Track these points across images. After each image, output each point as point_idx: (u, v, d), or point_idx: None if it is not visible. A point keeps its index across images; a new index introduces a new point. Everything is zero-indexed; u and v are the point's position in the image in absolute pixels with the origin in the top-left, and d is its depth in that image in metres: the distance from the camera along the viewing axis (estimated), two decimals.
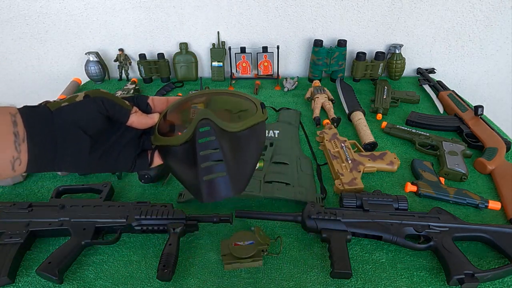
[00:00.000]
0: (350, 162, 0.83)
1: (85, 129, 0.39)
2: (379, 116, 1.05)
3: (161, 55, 1.23)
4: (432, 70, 1.29)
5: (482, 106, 0.96)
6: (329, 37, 1.25)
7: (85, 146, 0.39)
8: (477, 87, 1.39)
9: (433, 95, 1.16)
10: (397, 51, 1.23)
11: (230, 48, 1.21)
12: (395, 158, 0.85)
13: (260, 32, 1.24)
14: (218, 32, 1.22)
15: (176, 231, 0.64)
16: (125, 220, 0.67)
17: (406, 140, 0.96)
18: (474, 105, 1.00)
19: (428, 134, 0.94)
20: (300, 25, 1.22)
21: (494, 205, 0.74)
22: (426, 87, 1.20)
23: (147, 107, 0.46)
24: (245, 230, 0.68)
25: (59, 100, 0.39)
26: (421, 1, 1.16)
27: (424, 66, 1.32)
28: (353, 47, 1.26)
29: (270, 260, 0.64)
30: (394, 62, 1.23)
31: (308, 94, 1.14)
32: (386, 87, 1.16)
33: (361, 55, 1.22)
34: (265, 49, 1.21)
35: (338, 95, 1.14)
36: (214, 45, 1.23)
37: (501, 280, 0.61)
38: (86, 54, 1.22)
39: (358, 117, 1.00)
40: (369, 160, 0.84)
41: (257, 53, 1.22)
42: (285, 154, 0.85)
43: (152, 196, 0.78)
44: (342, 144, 0.88)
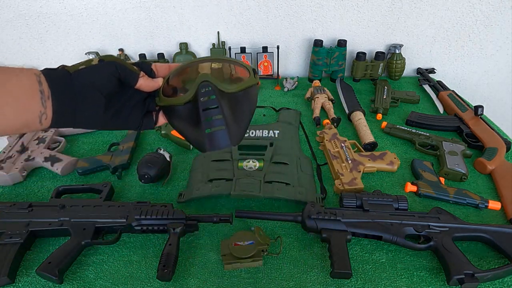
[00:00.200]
0: (350, 162, 0.83)
1: (100, 90, 0.44)
2: (379, 116, 1.05)
3: (161, 55, 1.23)
4: (432, 70, 1.29)
5: (482, 106, 0.96)
6: (329, 37, 1.25)
7: (100, 105, 0.44)
8: (477, 87, 1.39)
9: (433, 95, 1.16)
10: (397, 51, 1.22)
11: (230, 48, 1.21)
12: (395, 158, 0.85)
13: (260, 32, 1.24)
14: (218, 32, 1.22)
15: (176, 231, 0.64)
16: (125, 220, 0.67)
17: (406, 140, 0.96)
18: (474, 105, 1.00)
19: (428, 134, 0.94)
20: (300, 25, 1.22)
21: (494, 205, 0.74)
22: (426, 87, 1.20)
23: (151, 72, 0.50)
24: (245, 230, 0.68)
25: (76, 64, 0.44)
26: (421, 1, 1.16)
27: (424, 66, 1.32)
28: (353, 47, 1.26)
29: (270, 260, 0.64)
30: (394, 62, 1.23)
31: (308, 94, 1.14)
32: (386, 87, 1.16)
33: (361, 55, 1.22)
34: (265, 49, 1.21)
35: (338, 95, 1.14)
36: (214, 45, 1.23)
37: (501, 280, 0.61)
38: (86, 54, 1.22)
39: (358, 117, 1.00)
40: (369, 160, 0.84)
41: (257, 53, 1.22)
42: (285, 154, 0.85)
43: (152, 196, 0.78)
44: (342, 144, 0.88)
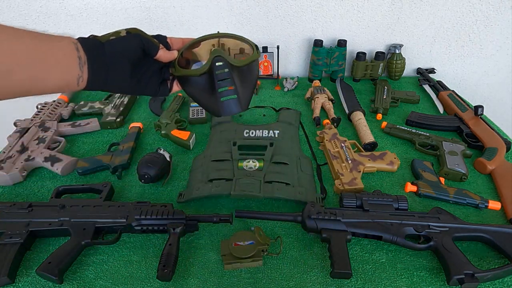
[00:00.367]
0: (350, 162, 0.83)
1: (128, 58, 0.50)
2: (379, 116, 1.05)
3: None
4: (432, 70, 1.29)
5: (482, 106, 0.96)
6: (329, 37, 1.25)
7: (127, 72, 0.50)
8: (477, 87, 1.39)
9: (433, 95, 1.16)
10: (397, 51, 1.23)
11: (229, 48, 1.21)
12: (395, 158, 0.85)
13: (260, 32, 1.23)
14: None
15: (176, 231, 0.64)
16: (125, 220, 0.67)
17: (406, 140, 0.96)
18: (474, 105, 1.00)
19: (428, 134, 0.94)
20: (300, 25, 1.22)
21: (494, 205, 0.74)
22: (426, 87, 1.20)
23: (167, 45, 0.57)
24: (245, 230, 0.68)
25: (106, 34, 0.50)
26: (421, 1, 1.16)
27: (424, 66, 1.32)
28: (353, 47, 1.26)
29: (270, 260, 0.64)
30: (394, 62, 1.23)
31: (308, 94, 1.14)
32: (386, 87, 1.16)
33: (361, 55, 1.22)
34: (265, 49, 1.21)
35: (338, 95, 1.14)
36: (214, 45, 1.23)
37: (501, 280, 0.61)
38: None
39: (358, 117, 1.00)
40: (369, 160, 0.84)
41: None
42: (285, 154, 0.85)
43: (152, 196, 0.78)
44: (342, 144, 0.88)
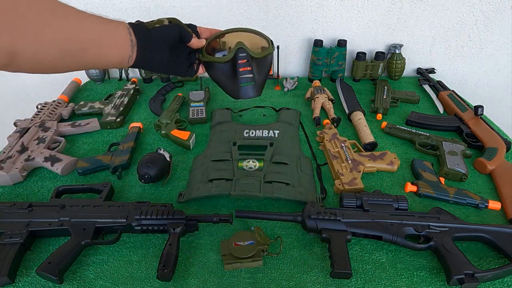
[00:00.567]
0: (350, 162, 0.83)
1: (168, 43, 0.59)
2: (379, 116, 1.05)
3: None
4: (432, 70, 1.29)
5: (482, 106, 0.96)
6: (329, 37, 1.25)
7: (166, 55, 0.60)
8: (477, 87, 1.39)
9: (433, 95, 1.16)
10: (397, 51, 1.23)
11: (230, 47, 1.21)
12: (395, 158, 0.85)
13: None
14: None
15: (176, 231, 0.64)
16: (125, 220, 0.67)
17: (406, 140, 0.96)
18: (474, 105, 1.00)
19: (428, 134, 0.94)
20: (300, 25, 1.22)
21: (494, 205, 0.74)
22: (426, 87, 1.20)
23: (197, 34, 0.66)
24: (245, 230, 0.68)
25: (151, 21, 0.59)
26: (421, 1, 1.16)
27: (424, 66, 1.32)
28: (353, 47, 1.26)
29: (270, 260, 0.64)
30: (394, 62, 1.23)
31: (308, 94, 1.14)
32: (386, 87, 1.16)
33: (361, 55, 1.22)
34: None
35: (338, 95, 1.14)
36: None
37: (501, 280, 0.61)
38: None
39: (358, 117, 1.00)
40: (369, 160, 0.84)
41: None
42: (285, 154, 0.85)
43: (152, 196, 0.78)
44: (342, 144, 0.88)
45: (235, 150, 0.85)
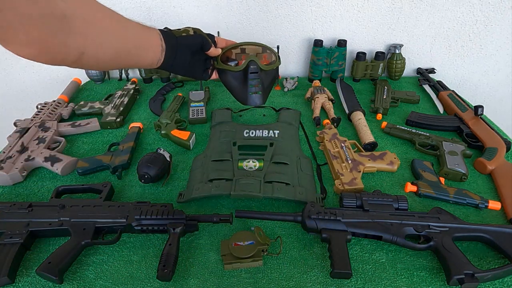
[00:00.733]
0: (350, 162, 0.83)
1: (191, 50, 0.68)
2: (379, 116, 1.05)
3: None
4: (432, 70, 1.29)
5: (482, 106, 0.96)
6: (329, 37, 1.25)
7: (188, 60, 0.69)
8: (477, 87, 1.39)
9: (433, 95, 1.16)
10: (397, 51, 1.23)
11: (258, 54, 1.20)
12: (395, 158, 0.85)
13: (260, 32, 1.24)
14: (218, 32, 1.22)
15: (176, 231, 0.64)
16: (125, 220, 0.67)
17: (406, 140, 0.96)
18: (474, 105, 1.00)
19: (428, 134, 0.94)
20: (300, 25, 1.22)
21: (494, 205, 0.74)
22: (426, 87, 1.20)
23: (215, 43, 0.74)
24: (245, 230, 0.68)
25: (177, 30, 0.68)
26: (421, 1, 1.16)
27: (424, 66, 1.32)
28: (353, 47, 1.26)
29: (270, 260, 0.64)
30: (394, 62, 1.23)
31: (308, 94, 1.14)
32: (386, 87, 1.16)
33: (361, 55, 1.22)
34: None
35: (338, 95, 1.14)
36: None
37: (501, 280, 0.61)
38: None
39: (358, 117, 1.00)
40: (369, 160, 0.84)
41: (256, 53, 1.21)
42: (285, 154, 0.85)
43: (152, 196, 0.78)
44: (342, 144, 0.88)
45: (235, 150, 0.85)
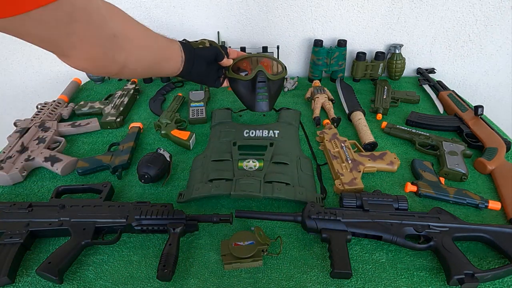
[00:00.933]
0: (350, 162, 0.83)
1: (206, 61, 0.74)
2: (379, 116, 1.05)
3: None
4: (432, 70, 1.29)
5: (482, 106, 0.96)
6: (329, 37, 1.25)
7: (203, 69, 0.74)
8: (477, 87, 1.39)
9: (433, 95, 1.16)
10: (397, 51, 1.22)
11: (230, 48, 1.21)
12: (395, 158, 0.85)
13: (260, 32, 1.24)
14: (218, 32, 1.22)
15: (176, 231, 0.64)
16: (125, 220, 0.67)
17: (406, 140, 0.96)
18: (474, 105, 1.00)
19: (428, 134, 0.94)
20: (300, 25, 1.22)
21: (494, 205, 0.74)
22: (426, 87, 1.20)
23: (227, 54, 0.80)
24: (245, 230, 0.68)
25: (195, 42, 0.75)
26: (421, 1, 1.16)
27: (424, 66, 1.32)
28: (353, 47, 1.26)
29: (270, 260, 0.64)
30: (394, 62, 1.23)
31: (308, 94, 1.14)
32: (386, 87, 1.16)
33: (361, 55, 1.22)
34: (265, 49, 1.21)
35: (338, 95, 1.14)
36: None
37: (501, 280, 0.61)
38: None
39: (358, 117, 1.00)
40: (369, 160, 0.84)
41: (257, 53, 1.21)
42: (285, 154, 0.85)
43: (152, 196, 0.78)
44: (342, 144, 0.88)
45: (235, 150, 0.85)
